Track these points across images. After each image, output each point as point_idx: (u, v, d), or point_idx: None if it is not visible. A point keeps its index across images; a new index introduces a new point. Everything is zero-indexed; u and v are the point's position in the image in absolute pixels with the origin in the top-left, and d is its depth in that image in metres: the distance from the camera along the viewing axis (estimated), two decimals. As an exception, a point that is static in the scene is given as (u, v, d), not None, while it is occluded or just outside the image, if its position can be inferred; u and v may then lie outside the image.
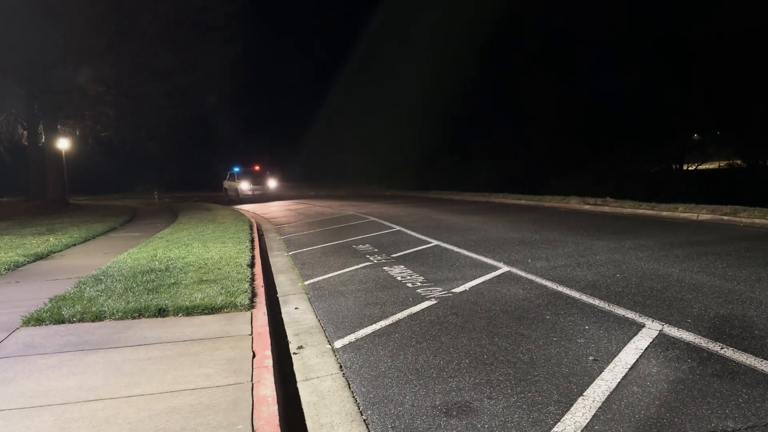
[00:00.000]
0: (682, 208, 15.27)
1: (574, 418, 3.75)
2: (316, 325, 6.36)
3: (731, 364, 4.51)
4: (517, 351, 5.09)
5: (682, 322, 5.61)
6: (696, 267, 8.20)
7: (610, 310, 6.22)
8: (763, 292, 6.58)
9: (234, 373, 4.60)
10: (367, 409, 4.10)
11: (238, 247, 11.32)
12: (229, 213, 22.77)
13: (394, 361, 5.04)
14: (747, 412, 3.69)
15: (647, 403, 3.90)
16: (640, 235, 11.74)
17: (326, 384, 4.63)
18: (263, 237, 15.29)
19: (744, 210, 13.56)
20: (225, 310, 6.49)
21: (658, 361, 4.66)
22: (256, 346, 5.23)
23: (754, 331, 5.22)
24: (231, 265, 9.00)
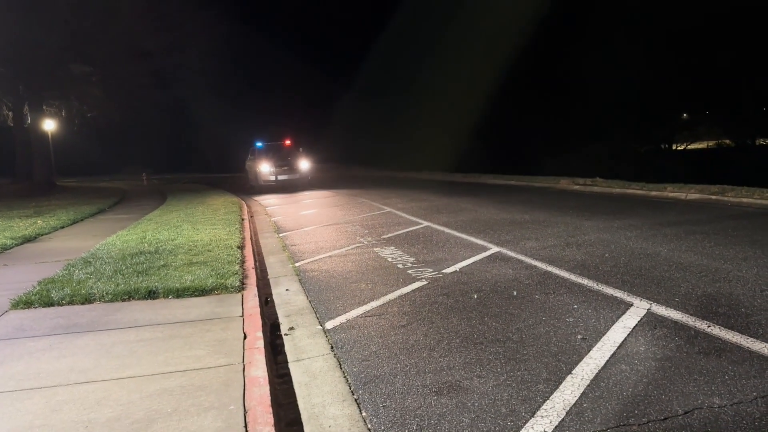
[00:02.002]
0: (671, 187, 15.35)
1: (563, 395, 3.79)
2: (307, 306, 6.37)
3: (718, 341, 4.57)
4: (507, 330, 5.13)
5: (669, 301, 5.66)
6: (684, 246, 8.26)
7: (598, 289, 6.27)
8: (749, 270, 6.65)
9: (225, 354, 4.61)
10: (358, 389, 4.13)
11: (228, 228, 11.29)
12: (220, 196, 22.64)
13: (385, 341, 5.07)
14: (733, 388, 3.74)
15: (635, 380, 3.95)
16: (628, 215, 11.81)
17: (317, 364, 4.65)
18: (253, 218, 15.24)
19: (732, 189, 13.66)
20: (215, 292, 6.48)
21: (645, 339, 4.71)
22: (247, 328, 5.24)
23: (740, 309, 5.29)
24: (221, 247, 8.98)
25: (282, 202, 20.23)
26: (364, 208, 16.11)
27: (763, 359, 4.16)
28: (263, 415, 3.51)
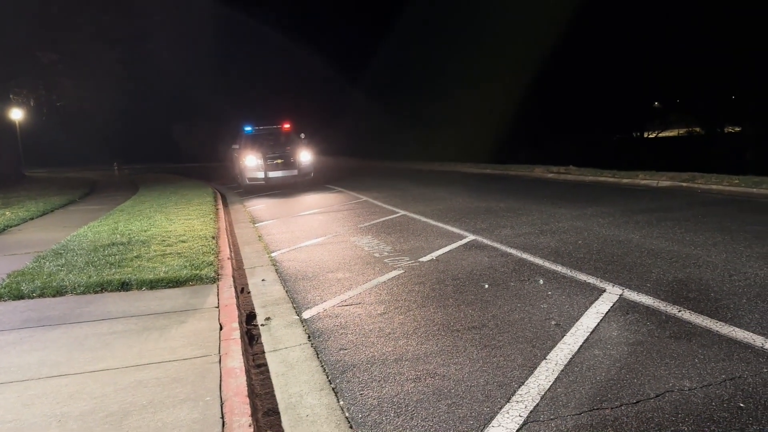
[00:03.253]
0: (642, 175, 15.58)
1: (537, 381, 3.84)
2: (284, 296, 6.34)
3: (688, 326, 4.66)
4: (483, 317, 5.17)
5: (641, 287, 5.76)
6: (655, 233, 8.40)
7: (572, 275, 6.35)
8: (718, 256, 6.80)
9: (201, 345, 4.57)
10: (336, 378, 4.13)
11: (202, 219, 11.17)
12: (194, 186, 22.38)
13: (362, 330, 5.08)
14: (702, 371, 3.83)
15: (608, 365, 4.02)
16: (601, 203, 11.96)
17: (295, 354, 4.65)
18: (228, 208, 15.10)
19: (702, 177, 13.91)
20: (190, 283, 6.42)
21: (618, 324, 4.79)
22: (222, 319, 5.20)
23: (710, 294, 5.40)
24: (195, 238, 8.89)
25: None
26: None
27: (731, 342, 4.26)
28: (240, 405, 3.50)
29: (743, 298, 5.21)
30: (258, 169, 18.79)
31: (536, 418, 3.38)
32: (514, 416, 3.40)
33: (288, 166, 19.15)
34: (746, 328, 4.49)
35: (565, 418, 3.35)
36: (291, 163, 19.24)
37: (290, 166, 19.20)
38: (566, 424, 3.28)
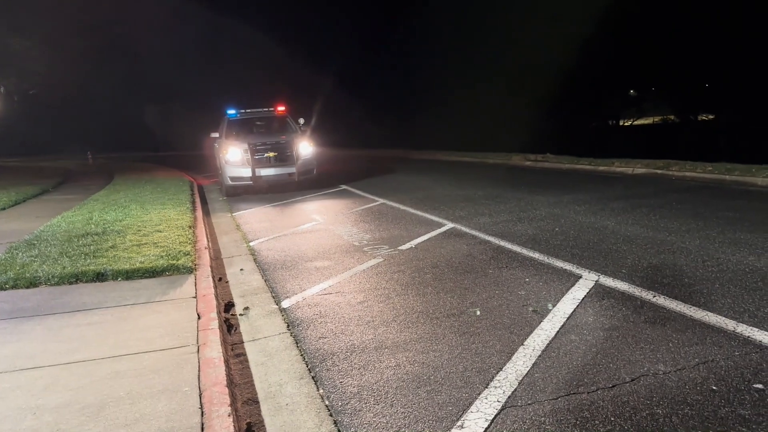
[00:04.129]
0: (618, 162, 15.75)
1: (515, 366, 3.88)
2: (263, 285, 6.31)
3: (662, 311, 4.74)
4: (462, 304, 5.20)
5: (617, 273, 5.84)
6: (630, 219, 8.51)
7: (549, 262, 6.41)
8: (692, 242, 6.91)
9: (178, 336, 4.53)
10: (315, 367, 4.13)
11: (178, 208, 11.05)
12: (170, 175, 22.11)
13: (342, 318, 5.08)
14: (676, 355, 3.90)
15: (584, 350, 4.08)
16: (578, 190, 12.08)
17: (274, 344, 4.63)
18: (205, 197, 14.96)
19: (676, 164, 14.11)
20: (167, 273, 6.36)
21: (594, 310, 4.86)
22: (200, 309, 5.16)
23: (683, 280, 5.50)
24: (172, 227, 8.79)
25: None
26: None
27: (704, 326, 4.34)
28: (219, 395, 3.48)
29: (716, 283, 5.31)
30: (243, 164, 14.34)
31: (514, 403, 3.41)
32: (493, 402, 3.44)
33: (283, 161, 14.57)
34: (719, 312, 4.58)
35: (543, 402, 3.40)
36: (287, 157, 14.61)
37: (286, 161, 14.60)
38: (543, 409, 3.32)
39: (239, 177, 14.39)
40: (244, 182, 14.43)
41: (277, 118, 17.11)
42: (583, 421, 3.18)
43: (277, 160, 14.57)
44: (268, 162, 14.49)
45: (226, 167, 14.50)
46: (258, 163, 14.37)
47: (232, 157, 14.46)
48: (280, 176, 14.59)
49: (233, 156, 14.46)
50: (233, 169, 14.41)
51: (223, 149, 14.83)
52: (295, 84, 43.22)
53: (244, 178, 14.37)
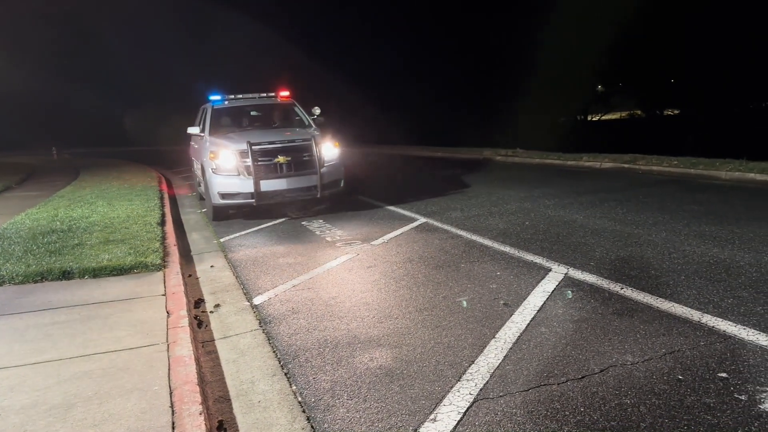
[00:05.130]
0: (586, 157, 15.97)
1: (487, 359, 3.91)
2: (234, 282, 6.26)
3: (630, 302, 4.83)
4: (434, 298, 5.23)
5: (585, 265, 5.93)
6: (598, 213, 8.65)
7: (520, 256, 6.48)
8: (658, 234, 7.05)
9: (148, 334, 4.47)
10: (288, 363, 4.11)
11: (146, 204, 10.87)
12: (138, 171, 21.73)
13: (314, 314, 5.06)
14: (644, 346, 3.98)
15: (554, 342, 4.13)
16: (547, 184, 12.22)
17: (246, 341, 4.60)
18: (174, 193, 14.75)
19: (642, 158, 14.36)
20: (135, 271, 6.25)
21: (563, 302, 4.93)
22: (170, 306, 5.09)
23: (650, 272, 5.60)
24: (139, 224, 8.65)
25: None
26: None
27: (671, 317, 4.44)
28: (190, 394, 3.44)
29: (681, 274, 5.43)
30: (240, 174, 9.57)
31: (486, 395, 3.44)
32: (465, 394, 3.46)
33: (300, 168, 9.76)
34: (684, 303, 4.68)
35: (514, 394, 3.43)
36: (305, 162, 9.80)
37: (304, 168, 9.79)
38: (515, 401, 3.36)
39: (234, 193, 9.55)
40: (240, 200, 9.60)
41: (281, 107, 12.32)
42: (554, 412, 3.22)
43: (291, 167, 9.60)
44: (277, 171, 9.55)
45: (213, 179, 9.64)
46: (263, 173, 9.43)
47: (223, 164, 9.56)
48: (296, 192, 9.71)
49: (225, 162, 9.54)
50: (224, 182, 9.55)
51: (208, 151, 9.90)
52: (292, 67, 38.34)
53: (241, 194, 9.51)
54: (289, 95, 12.21)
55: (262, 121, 12.12)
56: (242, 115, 12.05)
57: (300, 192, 9.80)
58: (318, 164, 9.77)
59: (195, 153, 12.06)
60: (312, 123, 11.57)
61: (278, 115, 12.33)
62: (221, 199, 9.66)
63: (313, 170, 9.77)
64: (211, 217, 10.11)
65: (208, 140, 10.48)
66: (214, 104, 11.52)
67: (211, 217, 10.11)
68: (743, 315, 4.34)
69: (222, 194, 9.63)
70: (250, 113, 12.25)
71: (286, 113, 12.27)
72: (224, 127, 11.17)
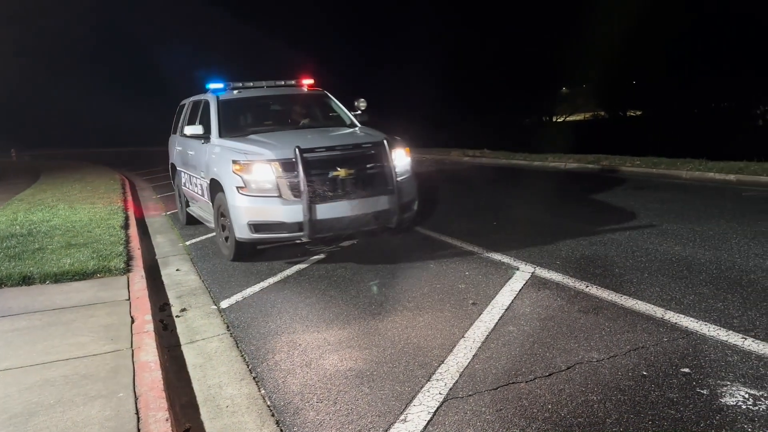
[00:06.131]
0: (552, 157, 16.19)
1: (456, 359, 3.94)
2: (200, 286, 6.17)
3: (595, 300, 4.91)
4: (403, 299, 5.24)
5: (551, 264, 6.01)
6: (564, 212, 8.78)
7: (488, 256, 6.53)
8: (622, 233, 7.18)
9: (112, 340, 4.37)
10: (256, 367, 4.07)
11: (109, 207, 10.65)
12: (100, 173, 21.28)
13: (283, 317, 5.02)
14: (609, 343, 4.05)
15: (522, 340, 4.17)
16: (514, 184, 12.37)
17: (213, 345, 4.54)
18: (138, 196, 14.49)
19: (606, 158, 14.61)
20: (98, 275, 6.12)
21: (531, 301, 4.98)
22: (134, 311, 4.99)
23: (614, 270, 5.71)
24: (102, 227, 8.46)
25: None
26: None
27: (634, 314, 4.52)
28: (156, 399, 3.38)
29: (645, 272, 5.54)
30: (279, 195, 6.50)
31: (455, 395, 3.46)
32: (435, 394, 3.47)
33: (368, 184, 6.77)
34: (648, 300, 4.78)
35: (483, 393, 3.46)
36: (373, 176, 6.84)
37: (373, 184, 6.80)
38: (484, 399, 3.39)
39: (273, 224, 6.50)
40: (283, 233, 6.56)
41: (311, 99, 9.27)
42: (522, 409, 3.26)
43: (357, 184, 6.65)
44: (338, 189, 6.55)
45: (238, 202, 6.58)
46: (319, 193, 6.45)
47: (256, 179, 6.53)
48: (363, 220, 6.68)
49: (259, 176, 6.52)
50: (258, 207, 6.52)
51: (228, 161, 6.80)
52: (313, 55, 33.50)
53: (285, 225, 6.46)
54: (312, 84, 9.17)
55: (288, 118, 8.93)
56: (262, 109, 9.03)
57: (368, 220, 6.69)
58: (392, 179, 6.78)
59: (189, 161, 8.86)
60: (355, 121, 8.61)
61: (308, 109, 9.17)
62: (252, 232, 6.50)
63: (387, 188, 6.75)
64: (232, 256, 7.06)
65: (226, 146, 7.23)
66: (217, 95, 8.32)
67: (232, 256, 7.06)
68: (704, 311, 4.45)
69: (255, 225, 6.47)
70: (270, 107, 9.15)
71: (319, 107, 9.20)
72: (241, 126, 8.18)
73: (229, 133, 7.68)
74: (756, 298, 4.63)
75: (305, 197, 6.27)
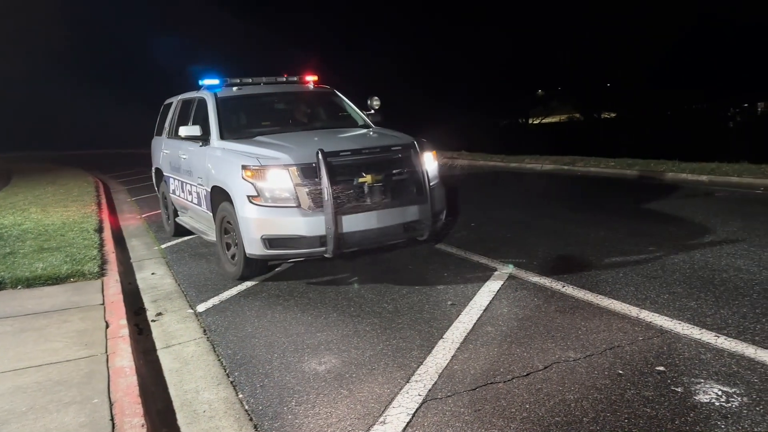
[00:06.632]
0: (528, 159, 16.33)
1: (435, 359, 3.94)
2: (176, 289, 6.10)
3: (572, 300, 4.96)
4: (383, 301, 5.23)
5: (529, 265, 6.05)
6: (540, 213, 8.86)
7: (466, 257, 6.56)
8: (598, 233, 7.27)
9: (86, 345, 4.30)
10: (234, 371, 4.04)
11: (83, 210, 10.48)
12: (74, 175, 20.95)
13: (261, 320, 4.99)
14: (585, 342, 4.09)
15: (500, 340, 4.20)
16: (491, 186, 12.45)
17: (189, 349, 4.48)
18: (112, 199, 14.28)
19: (581, 160, 14.78)
20: (72, 280, 6.01)
21: (508, 301, 5.02)
22: (109, 316, 4.91)
23: (590, 270, 5.77)
24: (76, 231, 8.32)
25: None
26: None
27: (610, 314, 4.58)
28: (131, 405, 3.33)
29: (620, 272, 5.61)
30: (298, 205, 5.65)
31: (434, 396, 3.47)
32: (414, 396, 3.48)
33: (397, 192, 6.01)
34: (623, 300, 4.84)
35: (462, 394, 3.47)
36: (403, 183, 6.08)
37: (402, 192, 6.06)
38: (462, 400, 3.40)
39: (291, 237, 5.71)
40: (303, 249, 5.74)
41: (319, 98, 8.48)
42: (500, 409, 3.27)
43: (385, 192, 5.93)
44: (364, 197, 5.81)
45: (250, 213, 5.75)
46: (345, 203, 5.68)
47: (272, 187, 5.72)
48: (391, 232, 6.05)
49: (276, 184, 5.72)
50: (274, 219, 5.71)
51: (236, 166, 5.94)
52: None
53: (305, 239, 5.67)
54: (316, 80, 8.39)
55: (296, 118, 8.00)
56: (267, 108, 8.11)
57: (397, 232, 6.06)
58: (424, 187, 6.07)
59: (181, 166, 7.87)
60: (368, 121, 7.85)
61: (317, 108, 8.37)
62: (266, 247, 5.69)
63: (420, 196, 6.07)
64: (239, 274, 6.21)
65: (231, 149, 6.41)
66: (214, 91, 7.44)
67: (239, 274, 6.21)
68: (678, 310, 4.52)
69: (269, 239, 5.66)
70: (275, 105, 8.24)
71: (328, 106, 8.40)
72: (245, 126, 7.37)
73: (231, 135, 6.85)
74: (728, 297, 4.71)
75: (330, 207, 5.45)
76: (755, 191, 9.46)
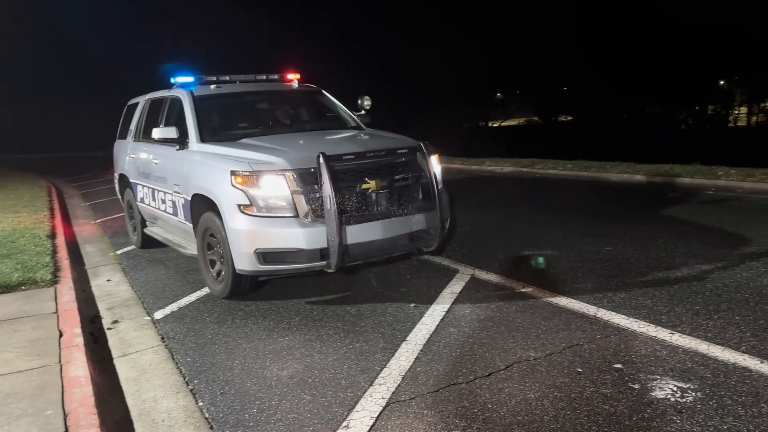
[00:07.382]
0: (489, 161, 16.52)
1: (398, 362, 3.94)
2: (133, 296, 5.96)
3: (531, 300, 5.03)
4: (345, 305, 5.21)
5: (490, 266, 6.11)
6: (500, 215, 8.96)
7: (428, 259, 6.59)
8: (556, 234, 7.39)
9: (38, 355, 4.16)
10: (193, 379, 3.96)
11: (34, 216, 10.16)
12: (24, 179, 20.28)
13: (222, 326, 4.90)
14: (545, 341, 4.15)
15: (462, 341, 4.23)
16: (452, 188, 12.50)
17: (147, 357, 4.38)
18: (66, 204, 13.88)
19: (540, 162, 15.03)
20: (23, 288, 5.81)
21: (470, 302, 5.05)
22: (62, 325, 4.76)
23: (549, 270, 5.87)
24: (27, 237, 8.05)
25: None
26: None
27: (569, 313, 4.65)
28: (86, 416, 3.23)
29: (578, 272, 5.71)
30: (296, 215, 5.08)
31: (398, 398, 3.47)
32: (377, 399, 3.47)
33: (404, 199, 5.58)
34: (581, 299, 4.93)
35: (425, 395, 3.48)
36: (409, 189, 5.68)
37: (409, 199, 5.62)
38: (426, 401, 3.40)
39: (288, 251, 5.09)
40: (301, 264, 5.12)
41: (305, 97, 7.92)
42: (463, 410, 3.29)
43: (392, 199, 5.53)
44: (369, 205, 5.35)
45: (241, 224, 5.11)
46: (349, 212, 5.19)
47: (267, 195, 5.10)
48: (396, 242, 5.49)
49: (271, 191, 5.10)
50: (269, 231, 5.08)
51: (225, 172, 5.25)
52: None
53: (304, 252, 5.04)
54: (298, 78, 7.73)
55: (281, 119, 7.32)
56: (249, 108, 7.41)
57: (404, 243, 5.56)
58: (436, 192, 5.64)
59: (152, 172, 7.18)
60: (359, 122, 7.31)
61: (303, 108, 7.84)
62: (260, 262, 5.08)
63: (426, 202, 5.67)
64: (226, 293, 5.57)
65: (214, 153, 5.84)
66: (190, 89, 6.76)
67: (226, 293, 5.57)
68: (634, 308, 4.63)
69: (264, 253, 5.07)
70: (258, 105, 7.53)
71: (315, 106, 7.86)
72: (227, 128, 6.76)
73: (213, 137, 6.19)
74: (682, 295, 4.85)
75: (334, 217, 4.85)
76: (707, 191, 9.77)
